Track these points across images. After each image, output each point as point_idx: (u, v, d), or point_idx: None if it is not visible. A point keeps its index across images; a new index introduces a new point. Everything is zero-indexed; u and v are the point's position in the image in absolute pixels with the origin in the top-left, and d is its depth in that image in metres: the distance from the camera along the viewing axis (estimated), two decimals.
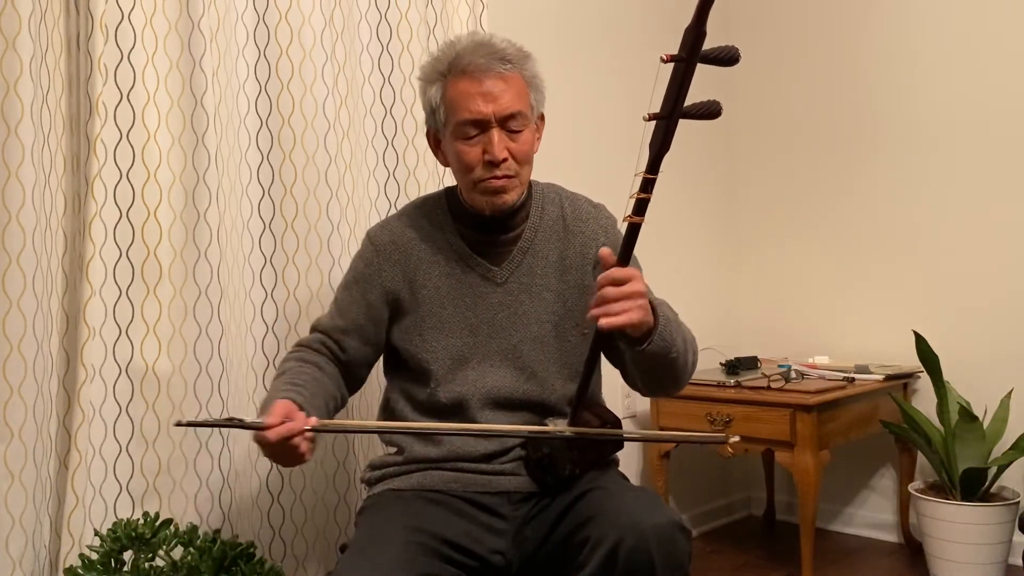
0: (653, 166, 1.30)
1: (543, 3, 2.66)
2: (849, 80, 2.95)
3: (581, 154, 2.66)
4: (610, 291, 1.33)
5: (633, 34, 2.89)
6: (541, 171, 1.68)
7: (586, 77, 2.77)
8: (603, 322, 1.33)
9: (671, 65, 1.26)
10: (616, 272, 1.34)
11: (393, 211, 2.07)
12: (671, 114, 1.27)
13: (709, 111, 1.29)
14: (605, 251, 1.37)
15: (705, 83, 1.45)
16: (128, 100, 1.68)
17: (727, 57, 1.26)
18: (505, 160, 1.50)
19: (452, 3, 2.15)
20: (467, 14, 2.17)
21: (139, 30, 1.68)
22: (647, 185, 1.31)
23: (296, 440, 1.33)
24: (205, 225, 1.76)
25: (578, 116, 2.71)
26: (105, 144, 1.67)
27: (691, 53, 1.23)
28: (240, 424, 1.36)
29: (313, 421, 1.36)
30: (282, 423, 1.32)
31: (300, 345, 1.63)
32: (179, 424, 1.39)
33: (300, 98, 1.91)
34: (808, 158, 3.07)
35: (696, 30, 1.22)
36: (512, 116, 1.51)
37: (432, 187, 2.10)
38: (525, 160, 1.54)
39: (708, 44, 1.25)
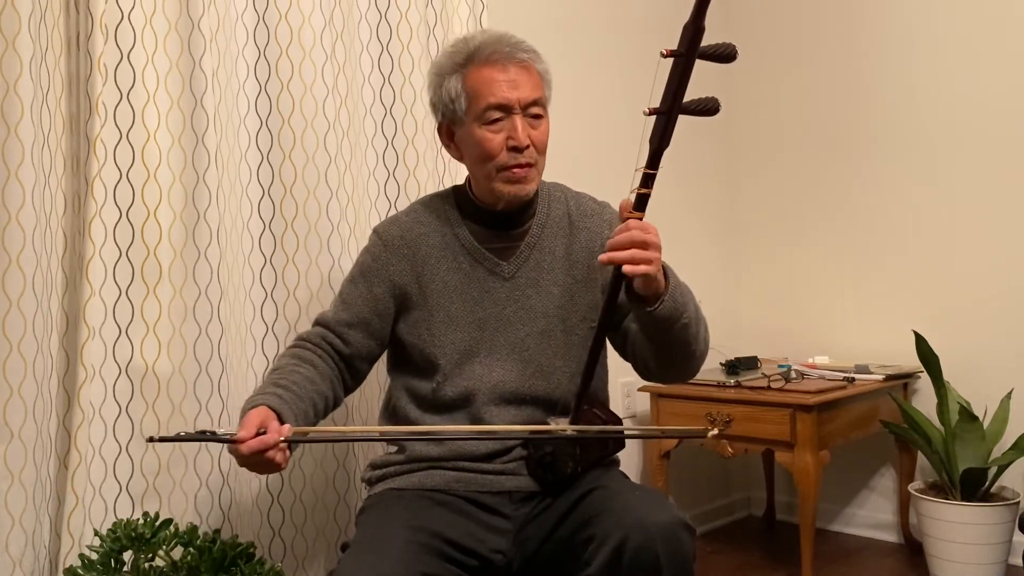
0: (653, 161, 1.31)
1: (543, 3, 2.66)
2: (849, 81, 2.95)
3: (582, 151, 2.66)
4: (637, 234, 1.32)
5: (632, 31, 2.89)
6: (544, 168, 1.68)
7: (586, 75, 2.77)
8: (628, 268, 1.32)
9: (670, 61, 1.27)
10: (638, 222, 1.34)
11: (393, 211, 2.07)
12: (671, 109, 1.28)
13: (707, 107, 1.30)
14: (624, 201, 1.36)
15: (706, 83, 1.46)
16: (128, 100, 1.68)
17: (725, 54, 1.27)
18: (528, 147, 1.53)
19: (452, 3, 2.16)
20: (467, 14, 2.17)
21: (139, 30, 1.68)
22: (647, 180, 1.32)
23: (270, 453, 1.31)
24: (205, 225, 1.76)
25: (578, 115, 2.71)
26: (105, 144, 1.66)
27: (690, 49, 1.25)
28: (212, 437, 1.34)
29: (286, 431, 1.34)
30: (256, 435, 1.31)
31: (300, 339, 1.62)
32: (151, 440, 1.35)
33: (300, 98, 1.91)
34: (808, 158, 3.07)
35: (695, 26, 1.24)
36: (535, 102, 1.54)
37: (432, 187, 2.10)
38: (543, 149, 1.57)
39: (707, 43, 1.26)
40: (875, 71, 2.89)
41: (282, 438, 1.33)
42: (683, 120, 1.29)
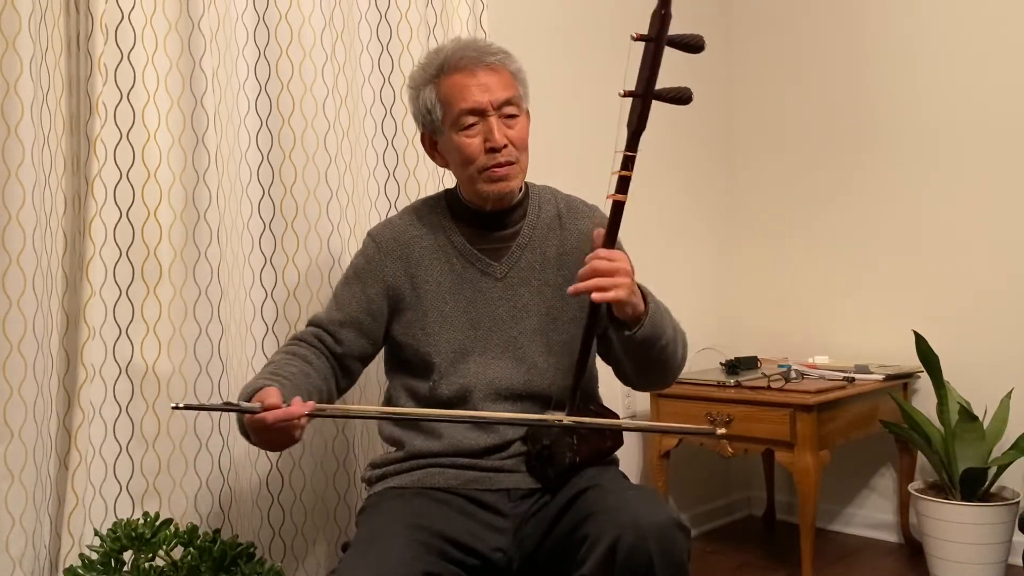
0: (632, 143, 1.37)
1: (543, 4, 2.66)
2: (850, 80, 2.95)
3: (582, 149, 2.65)
4: (601, 264, 1.39)
5: (634, 30, 2.88)
6: (538, 164, 1.69)
7: (587, 74, 2.76)
8: (596, 296, 1.38)
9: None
10: (605, 251, 1.41)
11: (393, 211, 2.07)
12: (645, 92, 1.36)
13: (680, 96, 1.38)
14: (599, 231, 1.43)
15: (706, 81, 1.47)
16: (128, 100, 1.68)
17: (693, 44, 1.37)
18: (506, 146, 1.55)
19: (452, 3, 2.15)
20: (467, 14, 2.17)
21: (139, 30, 1.68)
22: (627, 163, 1.39)
23: (291, 424, 1.34)
24: (205, 225, 1.76)
25: (579, 112, 2.71)
26: (105, 144, 1.67)
27: (659, 34, 1.35)
28: (237, 407, 1.36)
29: (311, 406, 1.36)
30: (279, 407, 1.33)
31: (294, 338, 1.65)
32: (175, 408, 1.37)
33: (300, 98, 1.91)
34: (809, 158, 3.07)
35: (661, 11, 1.35)
36: (507, 102, 1.57)
37: (432, 187, 2.10)
38: (523, 147, 1.60)
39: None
40: (876, 71, 2.89)
41: (307, 412, 1.34)
42: (683, 119, 1.31)
